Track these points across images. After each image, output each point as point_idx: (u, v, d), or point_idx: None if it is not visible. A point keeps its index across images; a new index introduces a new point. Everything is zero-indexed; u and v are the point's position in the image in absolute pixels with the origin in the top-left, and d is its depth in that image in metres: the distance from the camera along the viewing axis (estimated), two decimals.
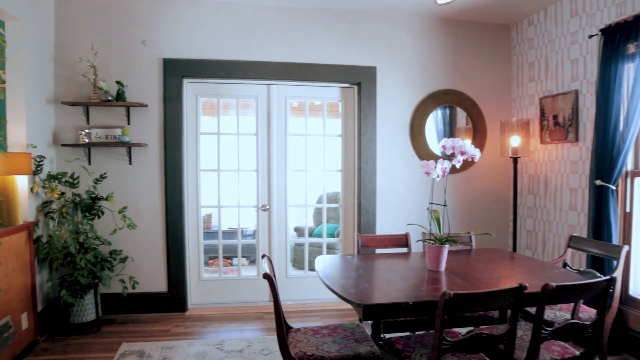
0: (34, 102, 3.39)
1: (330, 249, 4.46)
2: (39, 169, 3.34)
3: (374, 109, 3.96)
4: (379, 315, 2.00)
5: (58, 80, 3.69)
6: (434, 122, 4.15)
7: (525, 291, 1.79)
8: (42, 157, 3.36)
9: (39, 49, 3.46)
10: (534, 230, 4.00)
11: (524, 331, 2.30)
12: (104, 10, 3.70)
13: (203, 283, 3.99)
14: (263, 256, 2.36)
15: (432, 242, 2.42)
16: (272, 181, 3.96)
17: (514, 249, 4.10)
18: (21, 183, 3.23)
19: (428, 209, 3.44)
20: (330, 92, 4.01)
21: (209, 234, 4.56)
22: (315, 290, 3.99)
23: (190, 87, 3.85)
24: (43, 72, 3.53)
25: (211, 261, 4.77)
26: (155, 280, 3.84)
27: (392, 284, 2.17)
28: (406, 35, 4.08)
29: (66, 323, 3.43)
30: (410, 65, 4.10)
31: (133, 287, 3.62)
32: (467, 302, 1.70)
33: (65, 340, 3.32)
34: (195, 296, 3.98)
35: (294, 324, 3.48)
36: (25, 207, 3.27)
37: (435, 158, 3.29)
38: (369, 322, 2.64)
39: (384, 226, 4.07)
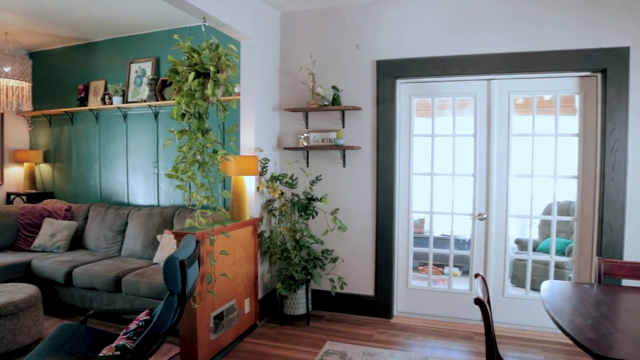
0: (262, 110, 4.14)
1: (560, 268, 4.22)
2: (264, 170, 4.05)
3: (624, 100, 3.60)
4: None
5: (282, 89, 4.43)
6: None
7: None
8: (267, 159, 4.07)
9: (267, 62, 4.23)
10: None
11: None
12: (320, 20, 4.31)
13: (410, 291, 4.24)
14: (476, 275, 2.37)
15: None
16: (491, 187, 3.97)
17: None
18: (249, 183, 3.97)
19: None
20: (564, 84, 3.80)
21: (420, 239, 4.80)
22: (538, 316, 3.87)
23: (403, 88, 4.14)
24: (270, 83, 4.28)
25: (421, 267, 5.01)
26: (362, 283, 4.25)
27: None
28: None
29: (280, 313, 4.15)
30: None
31: (341, 288, 4.09)
32: None
33: (278, 329, 4.01)
34: (401, 304, 4.26)
35: (509, 352, 3.44)
36: (252, 205, 4.03)
37: None
38: None
39: (636, 250, 3.64)
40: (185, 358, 3.20)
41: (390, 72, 4.10)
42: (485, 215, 4.03)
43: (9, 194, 5.96)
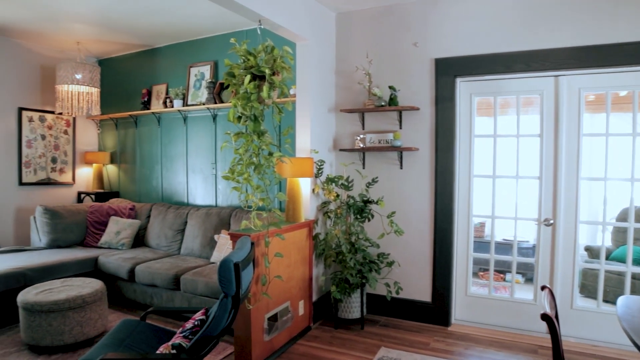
0: (318, 111, 4.14)
1: (637, 280, 3.89)
2: (319, 172, 4.04)
3: None
4: None
5: (338, 90, 4.41)
6: None
7: None
8: (322, 161, 4.06)
9: (322, 63, 4.23)
10: None
11: None
12: (376, 19, 4.25)
13: (469, 299, 4.09)
14: (543, 288, 2.20)
15: None
16: (558, 191, 3.76)
17: None
18: (304, 185, 3.98)
19: None
20: None
21: (480, 244, 4.63)
22: (611, 331, 3.62)
23: (463, 87, 4.00)
24: (325, 84, 4.28)
25: (480, 273, 4.83)
26: (419, 289, 4.15)
27: None
28: None
29: (334, 316, 4.13)
30: None
31: (397, 293, 4.02)
32: None
33: (332, 332, 3.99)
34: (459, 311, 4.12)
35: None
36: (307, 207, 4.03)
37: None
38: None
39: None
40: (239, 358, 3.25)
41: (449, 70, 3.97)
42: (552, 221, 3.80)
43: (79, 193, 6.35)
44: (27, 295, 3.54)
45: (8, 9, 4.49)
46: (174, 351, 2.13)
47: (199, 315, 2.55)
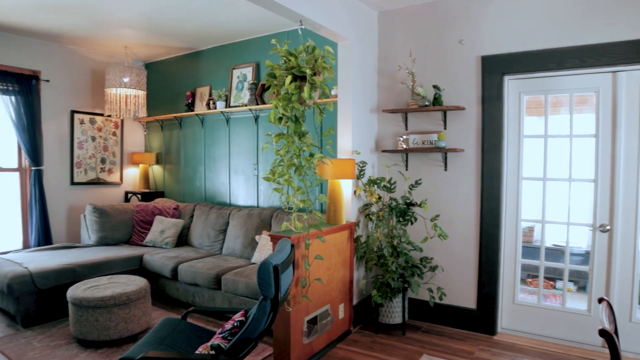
0: (360, 111, 4.09)
1: None
2: (361, 173, 3.99)
3: None
4: None
5: (380, 90, 4.34)
6: None
7: None
8: (364, 162, 4.00)
9: (364, 63, 4.17)
10: None
11: None
12: (420, 16, 4.16)
13: (517, 307, 3.93)
14: (600, 300, 2.04)
15: None
16: (616, 195, 3.55)
17: None
18: (346, 186, 3.93)
19: None
20: None
21: (529, 249, 4.43)
22: None
23: (512, 85, 3.85)
24: (367, 84, 4.22)
25: (529, 280, 4.63)
26: (463, 295, 4.02)
27: None
28: None
29: (375, 320, 4.06)
30: None
31: (440, 299, 3.91)
32: None
33: (372, 337, 3.92)
34: (506, 320, 3.96)
35: None
36: (349, 208, 3.98)
37: None
38: None
39: None
40: None
41: (496, 68, 3.82)
42: (608, 227, 3.58)
43: (127, 193, 6.56)
44: (76, 291, 3.67)
45: (63, 17, 4.70)
46: (213, 352, 2.14)
47: (238, 317, 2.56)
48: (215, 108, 5.58)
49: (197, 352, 2.21)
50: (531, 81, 3.82)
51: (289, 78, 2.98)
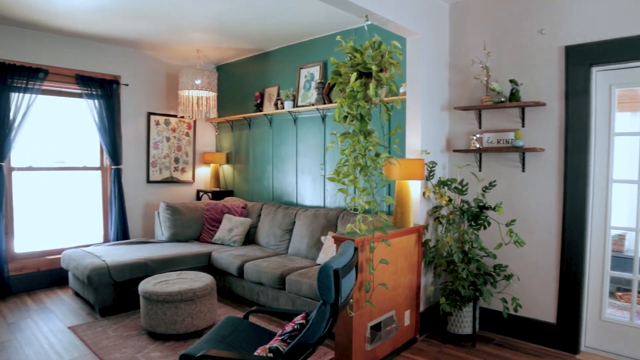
0: (429, 109, 3.91)
1: None
2: (431, 174, 3.82)
3: None
4: None
5: (452, 86, 4.14)
6: None
7: None
8: (434, 163, 3.82)
9: (435, 58, 4.00)
10: None
11: None
12: (495, 7, 3.92)
13: (605, 324, 3.56)
14: None
15: None
16: None
17: None
18: (414, 188, 3.77)
19: None
20: None
21: (619, 259, 4.02)
22: None
23: (600, 77, 3.50)
24: (438, 80, 4.03)
25: (618, 294, 4.20)
26: (541, 307, 3.74)
27: None
28: None
29: (443, 330, 3.86)
30: None
31: (515, 310, 3.65)
32: None
33: (439, 347, 3.74)
34: (591, 337, 3.62)
35: None
36: (417, 211, 3.82)
37: None
38: None
39: None
40: None
41: (583, 58, 3.48)
42: None
43: (198, 191, 6.80)
44: (147, 285, 3.82)
45: (141, 24, 4.96)
46: (271, 355, 2.10)
47: (299, 319, 2.51)
48: (283, 108, 5.61)
49: (255, 353, 2.18)
50: (624, 72, 3.43)
51: (354, 75, 2.90)
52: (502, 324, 3.94)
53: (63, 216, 5.67)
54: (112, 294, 4.35)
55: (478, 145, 3.91)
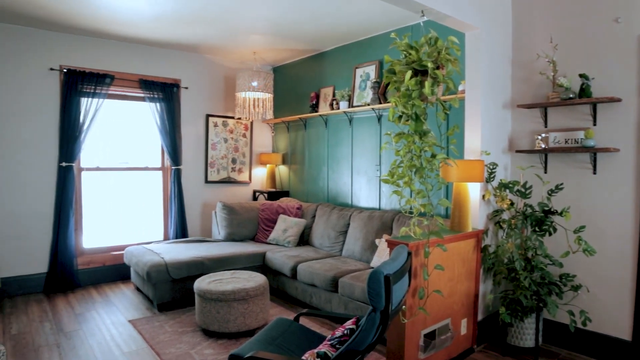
0: (490, 107, 3.73)
1: None
2: (491, 176, 3.63)
3: None
4: None
5: (515, 83, 3.93)
6: None
7: None
8: (494, 164, 3.64)
9: (496, 53, 3.81)
10: None
11: None
12: None
13: None
14: None
15: None
16: None
17: None
18: (473, 190, 3.60)
19: None
20: None
21: None
22: None
23: None
24: (499, 76, 3.84)
25: None
26: (614, 322, 3.46)
27: None
28: None
29: (502, 341, 3.67)
30: None
31: (584, 324, 3.37)
32: None
33: (498, 359, 3.50)
34: None
35: None
36: (476, 215, 3.64)
37: None
38: None
39: None
40: None
41: None
42: None
43: (254, 192, 6.90)
44: (201, 283, 3.91)
45: (200, 29, 5.10)
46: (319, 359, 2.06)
47: (349, 324, 2.45)
48: (339, 108, 5.57)
49: (303, 357, 2.14)
50: None
51: (409, 73, 2.80)
52: (568, 338, 3.67)
53: (127, 214, 5.95)
54: (169, 291, 4.49)
55: (543, 146, 3.66)
